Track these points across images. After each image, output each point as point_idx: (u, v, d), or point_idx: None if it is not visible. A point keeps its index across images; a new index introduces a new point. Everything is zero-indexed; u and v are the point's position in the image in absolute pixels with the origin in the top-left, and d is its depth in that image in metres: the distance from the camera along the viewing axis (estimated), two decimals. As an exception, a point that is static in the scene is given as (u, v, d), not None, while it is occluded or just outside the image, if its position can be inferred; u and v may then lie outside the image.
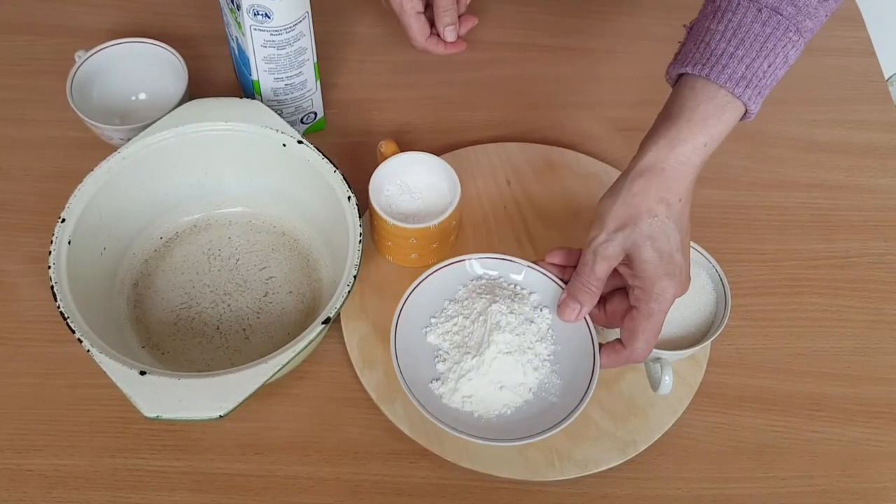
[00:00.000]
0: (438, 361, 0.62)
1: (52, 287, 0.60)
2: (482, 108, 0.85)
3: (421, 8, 0.73)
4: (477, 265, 0.64)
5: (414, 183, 0.72)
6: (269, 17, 0.68)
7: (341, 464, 0.65)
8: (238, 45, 0.73)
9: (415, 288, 0.63)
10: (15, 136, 0.80)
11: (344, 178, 0.66)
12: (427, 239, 0.70)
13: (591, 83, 0.87)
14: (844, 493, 0.66)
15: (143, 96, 0.81)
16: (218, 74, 0.85)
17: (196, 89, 0.79)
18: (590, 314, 0.60)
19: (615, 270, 0.58)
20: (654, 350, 0.62)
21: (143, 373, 0.57)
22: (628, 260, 0.56)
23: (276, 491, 0.64)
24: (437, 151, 0.73)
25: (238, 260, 0.73)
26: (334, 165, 0.67)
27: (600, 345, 0.60)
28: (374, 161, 0.71)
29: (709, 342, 0.64)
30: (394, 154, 0.71)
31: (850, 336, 0.73)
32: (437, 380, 0.61)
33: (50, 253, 0.62)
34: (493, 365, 0.60)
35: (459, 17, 0.75)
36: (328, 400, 0.68)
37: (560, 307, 0.60)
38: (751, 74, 0.53)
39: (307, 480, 0.64)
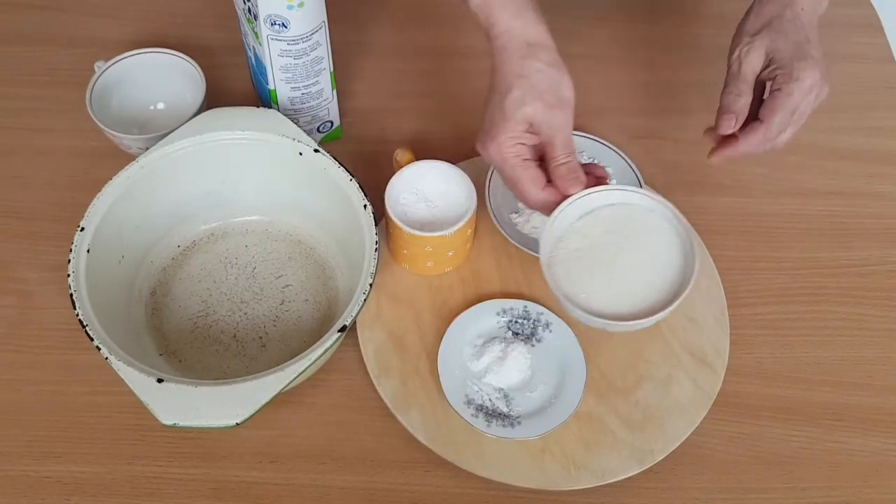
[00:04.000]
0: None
1: (71, 295, 0.61)
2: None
3: (527, 154, 0.62)
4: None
5: (430, 191, 0.72)
6: (285, 27, 0.68)
7: (356, 472, 0.65)
8: (255, 54, 0.74)
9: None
10: (35, 146, 0.81)
11: (360, 186, 0.66)
12: (443, 247, 0.70)
13: (606, 90, 0.87)
14: (866, 505, 0.65)
15: (161, 106, 0.82)
16: (235, 84, 0.85)
17: (213, 99, 0.79)
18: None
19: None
20: (619, 323, 0.59)
21: (160, 380, 0.57)
22: (768, 59, 0.64)
23: (291, 499, 0.64)
24: (454, 160, 0.73)
25: (255, 268, 0.73)
26: (350, 174, 0.67)
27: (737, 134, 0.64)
28: (391, 169, 0.72)
29: (674, 306, 0.59)
30: (410, 162, 0.71)
31: (870, 345, 0.72)
32: (516, 213, 0.74)
33: (69, 261, 0.62)
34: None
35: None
36: (344, 408, 0.68)
37: (718, 122, 0.64)
38: None
39: (322, 488, 0.64)
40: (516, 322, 0.70)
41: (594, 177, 0.64)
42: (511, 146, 0.61)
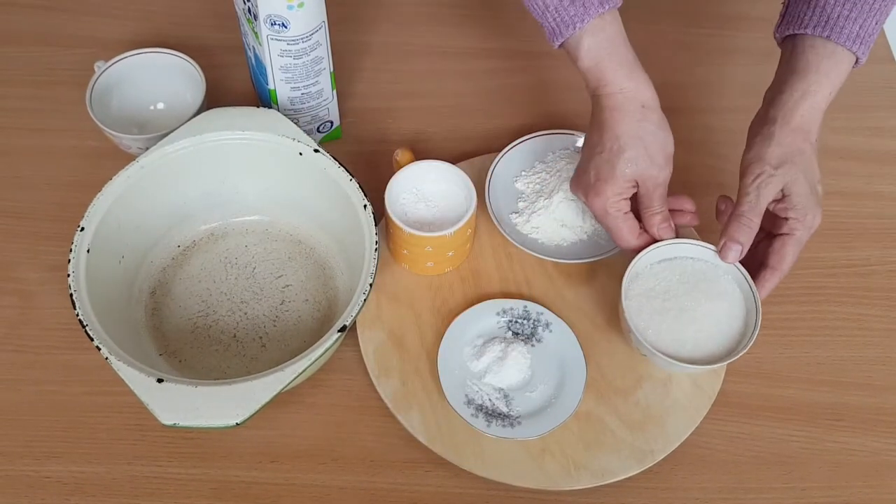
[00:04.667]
0: (520, 201, 0.75)
1: (71, 295, 0.61)
2: (498, 117, 0.85)
3: (627, 208, 0.66)
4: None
5: (430, 191, 0.72)
6: (285, 27, 0.68)
7: (356, 472, 0.65)
8: (255, 54, 0.74)
9: (511, 147, 0.77)
10: (35, 146, 0.81)
11: (360, 186, 0.67)
12: (443, 247, 0.70)
13: (607, 91, 0.87)
14: (866, 505, 0.65)
15: (161, 106, 0.82)
16: (235, 84, 0.85)
17: (213, 99, 0.79)
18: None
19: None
20: (679, 363, 0.62)
21: (160, 380, 0.57)
22: (782, 195, 0.64)
23: (291, 499, 0.64)
24: (453, 160, 0.73)
25: (255, 268, 0.73)
26: (350, 174, 0.67)
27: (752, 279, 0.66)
28: (390, 169, 0.72)
29: (747, 348, 0.63)
30: (410, 162, 0.71)
31: (871, 345, 0.72)
32: (516, 213, 0.74)
33: (69, 261, 0.62)
34: (559, 206, 0.72)
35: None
36: (344, 408, 0.68)
37: (722, 251, 0.65)
38: (864, 33, 0.63)
39: (322, 488, 0.64)
40: (516, 322, 0.70)
41: (681, 210, 0.69)
42: (616, 201, 0.65)
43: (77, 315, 0.60)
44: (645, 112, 0.63)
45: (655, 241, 0.67)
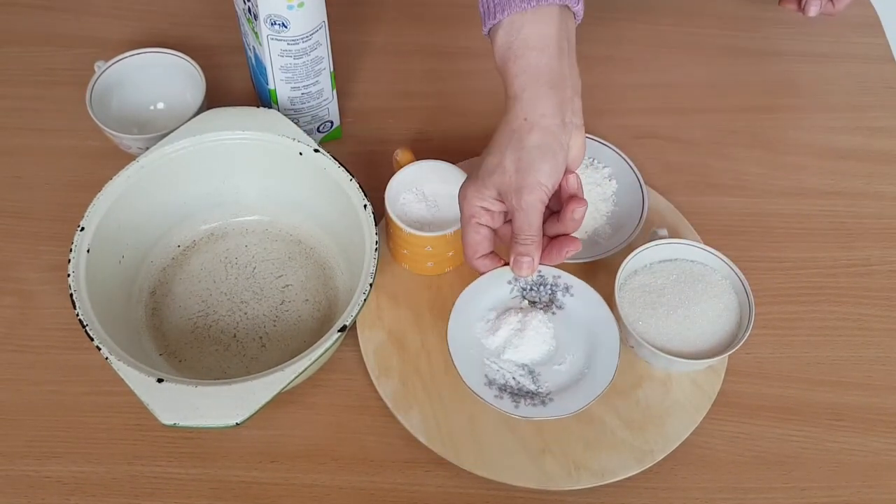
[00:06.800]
0: None
1: (71, 295, 0.61)
2: (498, 117, 0.84)
3: (483, 219, 0.61)
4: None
5: (430, 191, 0.72)
6: (286, 27, 0.68)
7: (356, 472, 0.65)
8: (255, 54, 0.74)
9: None
10: (35, 146, 0.81)
11: (360, 186, 0.67)
12: (443, 247, 0.70)
13: (606, 91, 0.87)
14: (866, 505, 0.65)
15: (161, 106, 0.82)
16: (235, 84, 0.85)
17: (213, 99, 0.79)
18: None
19: None
20: (675, 359, 0.62)
21: (160, 380, 0.57)
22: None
23: (291, 499, 0.64)
24: (453, 160, 0.73)
25: (255, 268, 0.73)
26: (350, 174, 0.67)
27: None
28: (391, 169, 0.72)
29: (727, 354, 0.64)
30: (410, 162, 0.71)
31: (870, 345, 0.72)
32: None
33: (69, 261, 0.62)
34: None
35: (556, 238, 0.61)
36: (344, 408, 0.68)
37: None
38: None
39: (322, 488, 0.64)
40: (531, 290, 0.64)
41: (558, 242, 0.61)
42: (474, 204, 0.60)
43: (77, 315, 0.60)
44: (525, 125, 0.57)
45: (505, 263, 0.61)
